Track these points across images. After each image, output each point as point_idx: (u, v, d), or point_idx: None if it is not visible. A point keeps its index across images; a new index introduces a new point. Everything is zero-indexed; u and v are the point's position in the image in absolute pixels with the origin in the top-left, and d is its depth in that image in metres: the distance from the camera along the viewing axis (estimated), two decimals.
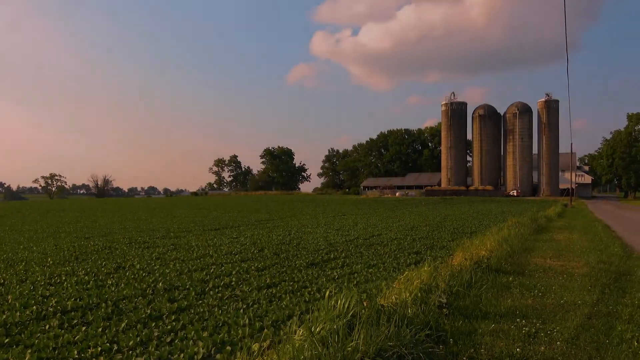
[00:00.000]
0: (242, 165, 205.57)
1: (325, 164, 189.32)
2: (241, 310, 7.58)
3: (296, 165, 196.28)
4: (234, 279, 10.22)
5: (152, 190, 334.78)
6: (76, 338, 6.34)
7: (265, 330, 6.40)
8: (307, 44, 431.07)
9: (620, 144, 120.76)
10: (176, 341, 6.16)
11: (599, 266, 11.05)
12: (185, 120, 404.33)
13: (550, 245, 15.82)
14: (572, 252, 14.01)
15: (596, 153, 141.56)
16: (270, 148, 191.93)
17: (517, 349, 5.42)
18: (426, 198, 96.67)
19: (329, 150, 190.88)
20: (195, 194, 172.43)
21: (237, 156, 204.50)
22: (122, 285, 9.70)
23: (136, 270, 11.41)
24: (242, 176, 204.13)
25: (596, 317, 6.74)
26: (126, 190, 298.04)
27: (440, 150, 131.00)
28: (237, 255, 13.85)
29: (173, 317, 7.27)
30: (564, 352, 5.38)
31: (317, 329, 5.16)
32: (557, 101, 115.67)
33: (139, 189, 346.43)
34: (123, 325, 6.86)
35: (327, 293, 6.19)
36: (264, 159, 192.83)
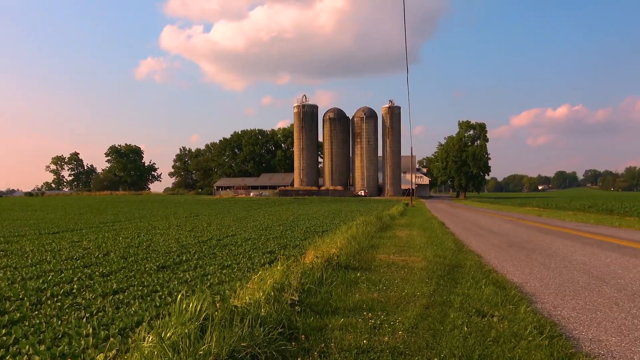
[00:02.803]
0: (85, 164, 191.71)
1: (177, 163, 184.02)
2: (84, 320, 7.05)
3: (145, 164, 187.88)
4: (75, 286, 9.47)
5: None
6: None
7: (112, 339, 6.03)
8: (157, 37, 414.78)
9: (453, 148, 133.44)
10: (7, 357, 5.55)
11: (435, 260, 12.04)
12: (17, 114, 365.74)
13: (393, 242, 16.93)
14: (412, 247, 15.13)
15: (433, 156, 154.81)
16: (116, 146, 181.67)
17: (364, 341, 5.72)
18: (280, 198, 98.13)
19: (180, 149, 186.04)
20: (29, 194, 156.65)
21: (78, 154, 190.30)
22: None
23: None
24: (84, 175, 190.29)
25: (432, 307, 7.35)
26: None
27: (293, 151, 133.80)
28: (79, 261, 12.86)
29: (4, 331, 6.53)
30: (405, 340, 5.80)
31: (168, 334, 4.99)
32: (399, 107, 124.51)
33: None
34: None
35: (179, 296, 6.01)
36: (109, 157, 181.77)
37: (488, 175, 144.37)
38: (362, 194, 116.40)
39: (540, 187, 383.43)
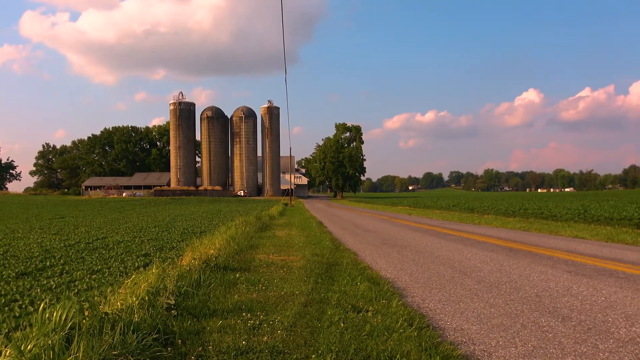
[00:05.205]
0: None
1: (40, 161, 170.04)
2: None
3: (2, 162, 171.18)
4: None
5: None
6: None
7: None
8: (16, 23, 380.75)
9: (330, 149, 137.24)
10: None
11: (314, 259, 12.27)
12: None
13: (273, 241, 17.01)
14: (291, 247, 15.31)
15: (311, 157, 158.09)
16: None
17: (243, 342, 5.68)
18: (155, 198, 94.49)
19: (43, 146, 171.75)
20: None
21: None
22: None
23: None
24: None
25: (311, 305, 7.48)
26: None
27: (170, 150, 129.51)
28: None
29: None
30: (284, 339, 5.85)
31: (29, 347, 4.59)
32: (278, 108, 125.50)
33: None
34: None
35: (42, 305, 5.55)
36: None
37: (363, 175, 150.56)
38: (242, 194, 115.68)
39: (410, 187, 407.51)
